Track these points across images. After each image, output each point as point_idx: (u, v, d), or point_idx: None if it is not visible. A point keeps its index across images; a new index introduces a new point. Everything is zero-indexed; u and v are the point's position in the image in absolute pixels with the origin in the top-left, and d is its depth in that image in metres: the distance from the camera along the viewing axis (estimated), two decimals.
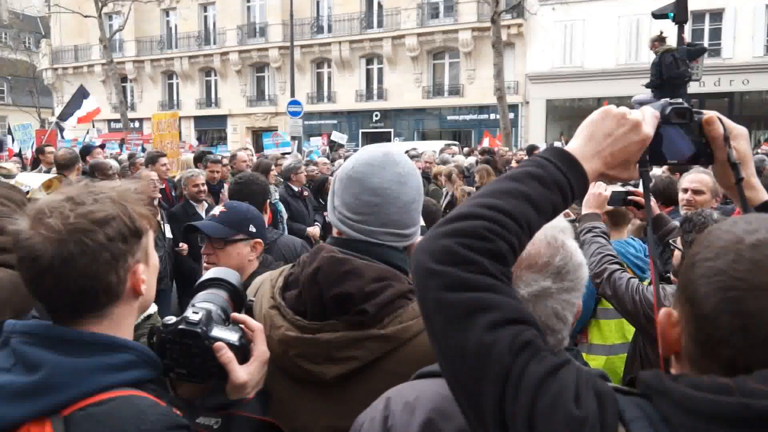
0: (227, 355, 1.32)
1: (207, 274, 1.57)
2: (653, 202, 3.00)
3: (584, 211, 3.10)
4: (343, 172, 1.62)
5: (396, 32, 30.22)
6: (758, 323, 0.78)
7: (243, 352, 1.36)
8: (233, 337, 1.35)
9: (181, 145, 19.38)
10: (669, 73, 8.79)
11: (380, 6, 31.28)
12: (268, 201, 7.73)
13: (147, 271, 1.31)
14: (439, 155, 12.58)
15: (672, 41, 9.64)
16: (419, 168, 8.93)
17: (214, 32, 35.05)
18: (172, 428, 1.16)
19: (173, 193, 7.74)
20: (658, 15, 9.61)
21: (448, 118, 30.53)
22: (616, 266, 2.87)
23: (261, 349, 1.39)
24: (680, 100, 1.20)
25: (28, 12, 42.97)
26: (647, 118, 1.13)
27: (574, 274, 1.22)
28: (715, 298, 0.81)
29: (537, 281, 1.19)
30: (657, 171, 5.63)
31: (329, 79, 33.33)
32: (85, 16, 28.19)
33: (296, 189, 7.50)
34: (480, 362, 0.90)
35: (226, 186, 7.88)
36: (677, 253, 2.70)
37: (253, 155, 10.95)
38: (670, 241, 2.84)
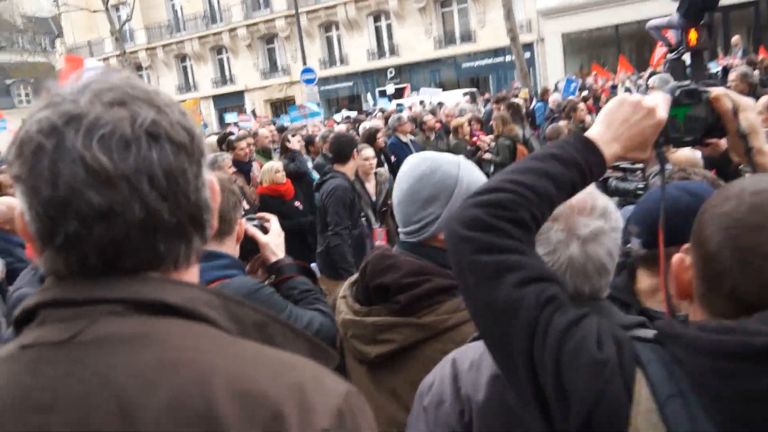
0: (251, 230, 2.23)
1: None
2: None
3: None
4: (398, 186, 1.78)
5: None
6: (753, 256, 0.89)
7: (262, 229, 2.27)
8: (254, 222, 2.29)
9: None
10: None
11: None
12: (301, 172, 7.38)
13: None
14: (457, 107, 12.42)
15: None
16: (438, 122, 9.08)
17: (219, 10, 34.96)
18: (268, 289, 2.09)
19: None
20: None
21: (464, 65, 30.18)
22: None
23: (273, 226, 2.29)
24: (687, 83, 1.29)
25: (39, 14, 43.31)
26: (661, 103, 1.22)
27: (615, 215, 1.34)
28: (718, 236, 0.93)
29: (592, 222, 1.29)
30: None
31: (339, 41, 33.10)
32: (93, 11, 28.36)
33: None
34: (509, 316, 1.01)
35: (255, 165, 7.46)
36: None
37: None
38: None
